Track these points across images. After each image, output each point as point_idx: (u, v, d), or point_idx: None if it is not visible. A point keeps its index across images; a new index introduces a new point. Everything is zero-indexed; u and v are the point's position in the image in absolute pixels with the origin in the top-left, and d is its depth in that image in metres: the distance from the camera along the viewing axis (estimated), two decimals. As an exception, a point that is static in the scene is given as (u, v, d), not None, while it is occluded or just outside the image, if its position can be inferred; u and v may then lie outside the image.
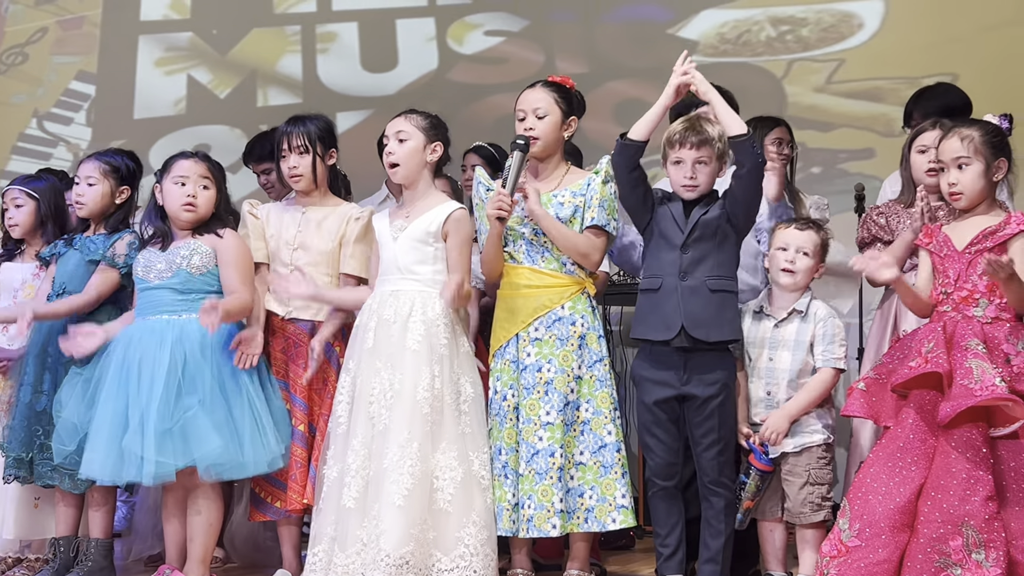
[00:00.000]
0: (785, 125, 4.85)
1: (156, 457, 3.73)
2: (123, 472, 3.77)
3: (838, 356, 3.74)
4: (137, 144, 5.74)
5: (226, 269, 3.97)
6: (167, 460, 3.74)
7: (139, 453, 3.74)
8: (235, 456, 3.79)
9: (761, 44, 6.30)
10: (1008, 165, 3.47)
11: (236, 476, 3.86)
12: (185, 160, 4.04)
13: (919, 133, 3.97)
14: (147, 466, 3.73)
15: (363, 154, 5.34)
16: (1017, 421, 3.22)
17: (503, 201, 3.75)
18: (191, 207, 3.99)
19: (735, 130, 3.64)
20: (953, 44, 5.94)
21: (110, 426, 3.80)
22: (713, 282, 3.69)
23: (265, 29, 6.92)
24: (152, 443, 3.74)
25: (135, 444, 3.75)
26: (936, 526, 3.21)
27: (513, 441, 3.82)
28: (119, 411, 3.82)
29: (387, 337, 3.82)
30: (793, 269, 3.77)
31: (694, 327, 3.66)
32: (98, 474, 3.82)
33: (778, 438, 3.69)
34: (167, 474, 3.77)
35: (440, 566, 3.66)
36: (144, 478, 3.76)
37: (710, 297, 3.68)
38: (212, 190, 4.03)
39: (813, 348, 3.75)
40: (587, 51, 6.51)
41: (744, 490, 3.69)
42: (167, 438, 3.75)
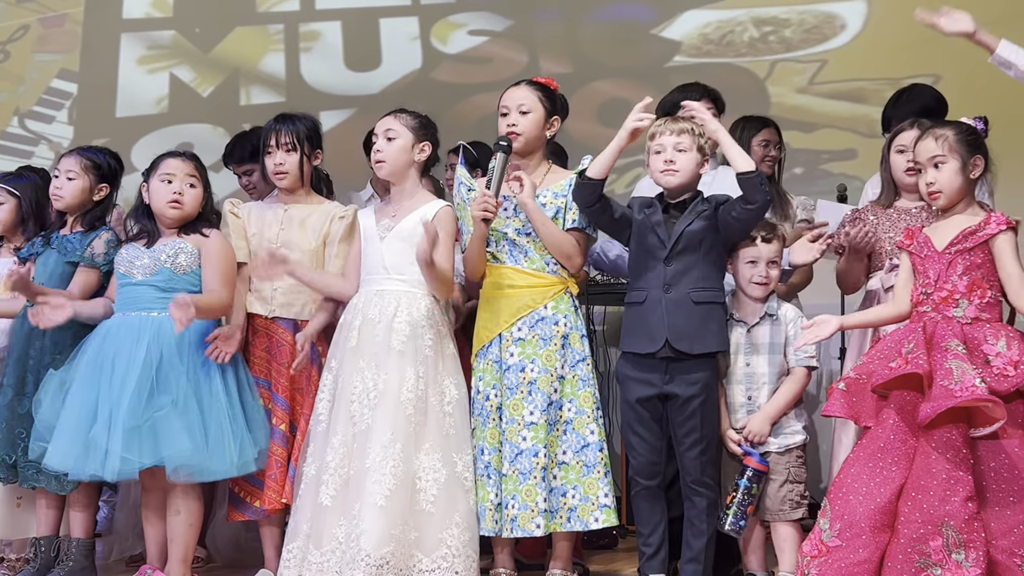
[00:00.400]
0: (773, 126, 4.87)
1: (122, 452, 3.70)
2: (86, 465, 3.74)
3: (811, 355, 3.76)
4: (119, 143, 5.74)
5: (207, 268, 3.96)
6: (133, 457, 3.72)
7: (104, 447, 3.72)
8: (204, 458, 3.77)
9: (744, 45, 6.32)
10: (985, 163, 3.49)
11: (206, 479, 3.84)
12: (172, 159, 4.04)
13: (898, 133, 3.99)
14: (111, 461, 3.71)
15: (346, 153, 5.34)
16: (997, 422, 3.23)
17: (488, 202, 3.76)
18: (177, 204, 3.98)
19: (743, 167, 3.63)
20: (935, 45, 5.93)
21: (77, 418, 3.78)
22: (698, 294, 3.69)
23: (248, 27, 6.90)
24: (119, 438, 3.71)
25: (102, 437, 3.73)
26: (916, 526, 3.22)
27: (496, 441, 3.82)
28: (88, 404, 3.80)
29: (371, 337, 3.82)
30: (767, 282, 3.78)
31: (678, 340, 3.67)
32: (59, 464, 3.79)
33: (761, 440, 3.70)
34: (131, 471, 3.75)
35: (421, 567, 3.66)
36: (107, 473, 3.73)
37: (694, 309, 3.68)
38: (199, 188, 4.02)
39: (787, 348, 3.76)
40: (571, 51, 6.52)
41: (748, 494, 3.68)
42: (135, 435, 3.73)
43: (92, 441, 3.73)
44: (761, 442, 3.70)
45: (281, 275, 3.93)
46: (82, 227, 4.21)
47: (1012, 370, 3.29)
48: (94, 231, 4.17)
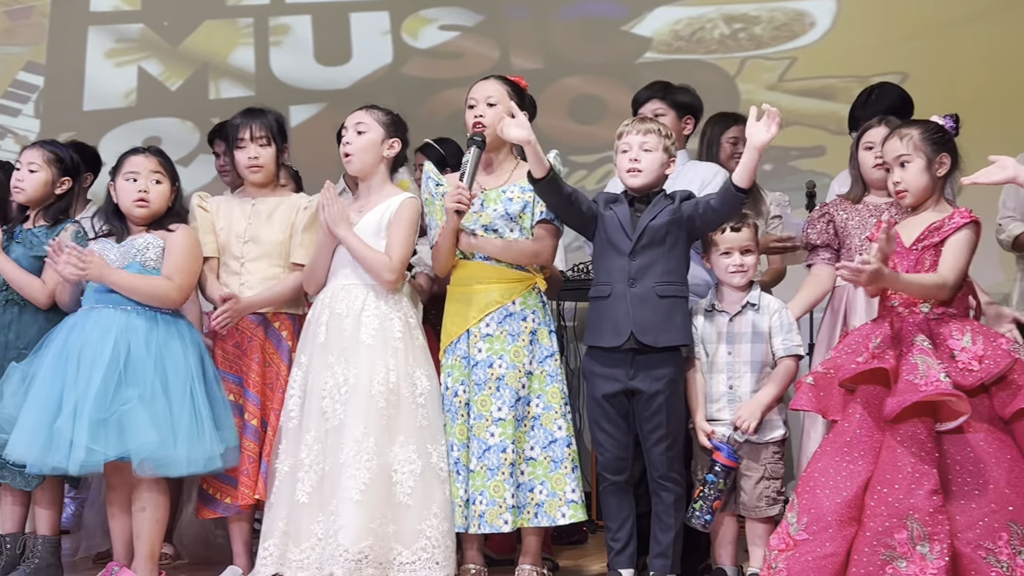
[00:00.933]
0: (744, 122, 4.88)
1: (87, 444, 3.67)
2: (49, 456, 3.70)
3: (798, 343, 3.80)
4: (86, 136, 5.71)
5: (165, 258, 3.93)
6: (98, 448, 3.68)
7: (69, 438, 3.68)
8: (170, 452, 3.73)
9: (715, 41, 6.34)
10: (952, 161, 3.51)
11: (171, 473, 3.80)
12: (136, 156, 4.01)
13: (866, 130, 4.03)
14: (76, 452, 3.66)
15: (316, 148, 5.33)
16: (962, 416, 3.26)
17: (462, 194, 3.75)
18: (143, 202, 3.95)
19: (741, 183, 3.62)
20: (903, 43, 6.02)
21: (41, 409, 3.74)
22: (662, 288, 3.70)
23: (217, 21, 6.87)
24: (85, 430, 3.68)
25: (67, 429, 3.69)
26: (882, 519, 3.24)
27: (464, 437, 3.82)
28: (53, 396, 3.76)
29: (339, 331, 3.81)
30: (744, 269, 3.80)
31: (643, 333, 3.68)
32: (22, 456, 3.75)
33: (751, 427, 3.71)
34: (95, 463, 3.70)
35: (401, 559, 3.66)
36: (71, 465, 3.68)
37: (659, 303, 3.69)
38: (165, 184, 4.00)
39: (771, 339, 3.78)
40: (542, 47, 6.52)
41: (715, 489, 3.69)
42: (102, 427, 3.70)
43: (57, 433, 3.69)
44: (751, 430, 3.71)
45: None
46: (46, 221, 4.18)
47: (976, 365, 3.32)
48: (59, 224, 4.14)
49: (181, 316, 3.99)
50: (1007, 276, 5.14)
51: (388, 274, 3.83)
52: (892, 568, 3.21)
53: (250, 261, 4.05)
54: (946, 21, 6.01)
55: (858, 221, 3.99)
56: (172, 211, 4.02)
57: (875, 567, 3.22)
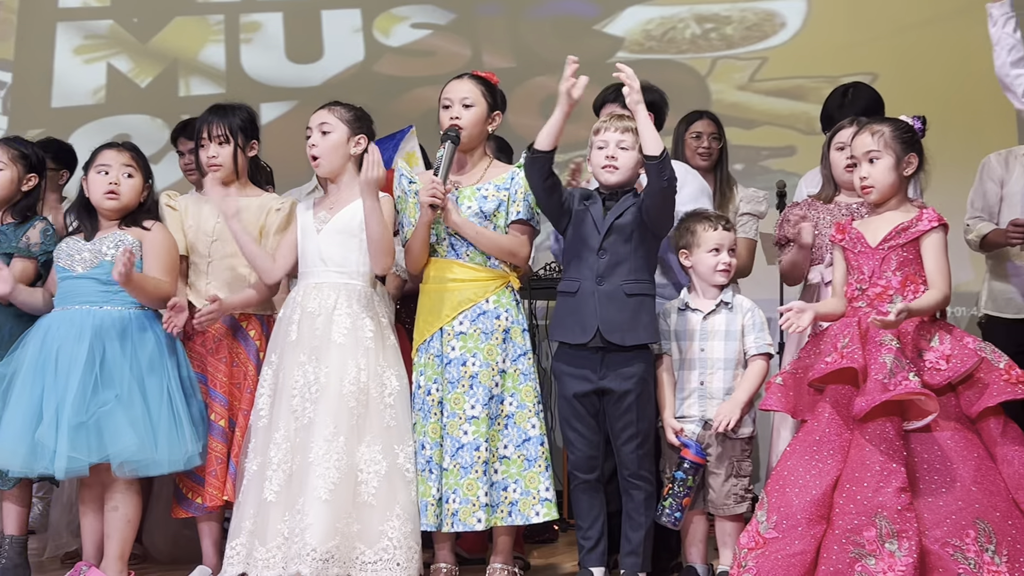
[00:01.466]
0: (709, 118, 4.89)
1: (69, 452, 3.66)
2: (35, 464, 3.70)
3: (769, 342, 3.82)
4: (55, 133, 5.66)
5: (149, 259, 3.92)
6: (80, 455, 3.68)
7: (52, 447, 3.67)
8: (150, 453, 3.73)
9: (686, 41, 6.36)
10: (919, 161, 3.54)
11: (151, 473, 3.80)
12: (108, 149, 4.00)
13: (838, 131, 4.05)
14: (59, 460, 3.67)
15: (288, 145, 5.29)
16: (930, 415, 3.29)
17: (436, 189, 3.74)
18: (113, 195, 3.94)
19: (650, 150, 3.62)
20: (873, 43, 6.05)
21: (23, 417, 3.73)
22: (630, 286, 3.71)
23: (187, 18, 6.83)
24: (65, 436, 3.67)
25: (48, 437, 3.68)
26: (851, 517, 3.27)
27: (437, 436, 3.81)
28: (34, 401, 3.75)
29: (311, 330, 3.80)
30: (730, 269, 3.83)
31: (610, 331, 3.69)
32: (7, 463, 3.75)
33: (730, 426, 3.72)
34: (79, 469, 3.71)
35: (364, 558, 3.66)
36: (56, 472, 3.69)
37: (626, 301, 3.70)
38: (137, 178, 3.97)
39: (744, 337, 3.80)
40: (514, 45, 6.53)
41: (684, 486, 3.70)
42: (81, 432, 3.69)
43: (39, 441, 3.69)
44: (728, 429, 3.72)
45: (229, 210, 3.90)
46: (14, 218, 4.14)
47: (944, 364, 3.35)
48: (27, 222, 4.11)
49: (154, 313, 3.96)
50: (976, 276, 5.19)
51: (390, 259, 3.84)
52: (861, 565, 3.23)
53: (218, 260, 4.04)
54: (915, 21, 6.05)
55: (829, 221, 4.01)
56: (144, 207, 4.00)
57: (844, 565, 3.24)
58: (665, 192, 3.66)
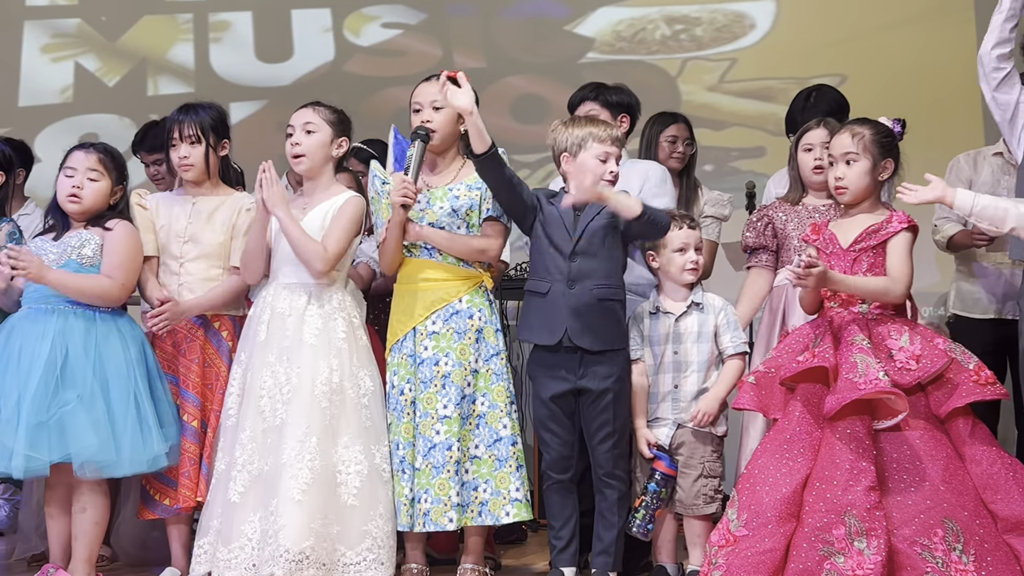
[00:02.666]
0: (683, 122, 4.89)
1: (26, 451, 3.63)
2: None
3: (744, 340, 3.83)
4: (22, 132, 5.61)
5: (104, 256, 3.88)
6: (40, 454, 3.64)
7: (11, 446, 3.64)
8: (111, 454, 3.70)
9: (656, 42, 6.38)
10: (894, 167, 3.56)
11: (114, 474, 3.76)
12: (78, 151, 3.96)
13: (805, 132, 4.07)
14: (16, 459, 3.63)
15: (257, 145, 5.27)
16: (899, 414, 3.31)
17: (408, 188, 3.73)
18: (75, 199, 3.90)
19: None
20: (842, 45, 6.09)
21: None
22: (600, 291, 3.72)
23: (156, 16, 6.78)
24: (24, 436, 3.64)
25: (7, 436, 3.65)
26: (820, 515, 3.29)
27: (410, 435, 3.81)
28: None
29: (282, 330, 3.78)
30: (698, 268, 3.83)
31: (579, 336, 3.69)
32: None
33: (709, 419, 3.73)
34: (39, 468, 3.67)
35: (345, 560, 3.65)
36: (14, 471, 3.66)
37: (596, 306, 3.70)
38: (102, 182, 3.93)
39: (718, 338, 3.81)
40: (485, 46, 6.52)
41: (656, 498, 3.71)
42: (42, 431, 3.66)
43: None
44: (706, 422, 3.73)
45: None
46: (-20, 219, 4.11)
47: (914, 364, 3.37)
48: (-7, 223, 4.08)
49: (121, 313, 3.93)
50: (944, 276, 5.23)
51: (320, 263, 3.78)
52: (830, 563, 3.25)
53: (189, 261, 4.01)
54: (883, 24, 6.09)
55: (797, 223, 4.03)
56: (114, 209, 3.96)
57: (813, 562, 3.26)
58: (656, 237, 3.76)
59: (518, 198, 3.75)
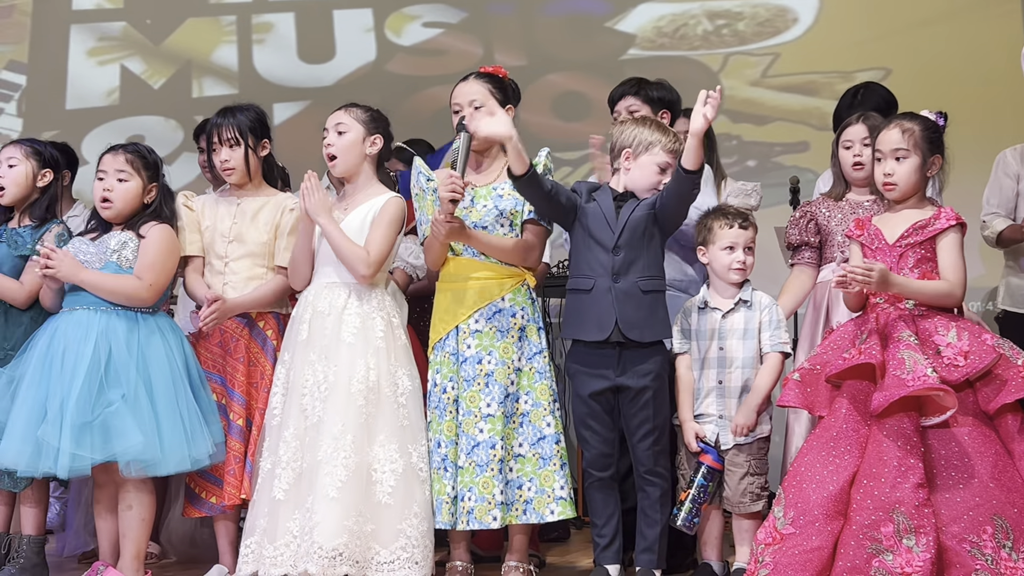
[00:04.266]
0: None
1: (72, 450, 3.66)
2: (39, 463, 3.70)
3: (784, 340, 3.81)
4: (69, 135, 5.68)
5: (139, 256, 3.91)
6: (84, 453, 3.68)
7: (55, 445, 3.68)
8: (156, 453, 3.73)
9: (698, 38, 6.35)
10: (941, 163, 3.53)
11: (159, 473, 3.79)
12: (107, 154, 3.99)
13: (845, 128, 4.04)
14: (62, 459, 3.67)
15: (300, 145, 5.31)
16: (947, 411, 3.28)
17: (455, 183, 3.72)
18: (106, 203, 3.94)
19: (691, 164, 3.59)
20: (886, 39, 6.04)
21: (28, 416, 3.74)
22: (645, 283, 3.71)
23: (200, 19, 6.84)
24: (69, 435, 3.67)
25: (52, 436, 3.69)
26: (868, 513, 3.26)
27: (453, 434, 3.82)
28: (39, 401, 3.75)
29: (321, 329, 3.80)
30: (744, 267, 3.82)
31: (629, 329, 3.68)
32: (12, 463, 3.75)
33: (747, 431, 3.73)
34: (83, 468, 3.71)
35: (379, 559, 3.66)
36: (59, 470, 3.69)
37: (642, 298, 3.70)
38: (132, 182, 3.95)
39: (760, 334, 3.80)
40: (525, 44, 6.53)
41: (704, 492, 3.70)
42: (86, 431, 3.69)
43: (42, 440, 3.69)
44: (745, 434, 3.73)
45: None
46: (32, 220, 4.16)
47: (962, 360, 3.34)
48: (45, 224, 4.13)
49: (162, 314, 3.97)
50: (988, 270, 5.18)
51: (364, 268, 3.81)
52: (878, 561, 3.22)
53: (234, 260, 4.04)
54: (927, 16, 6.03)
55: (840, 219, 4.01)
56: (150, 209, 3.98)
57: (861, 560, 3.24)
58: (689, 199, 3.70)
59: (558, 206, 3.76)
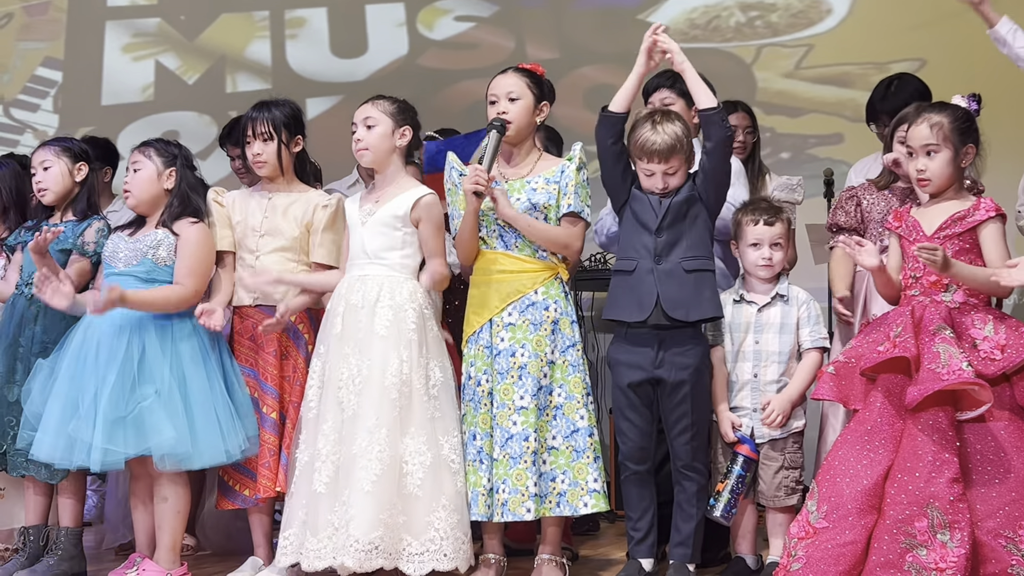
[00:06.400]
0: (744, 110, 4.84)
1: (104, 444, 3.70)
2: (73, 456, 3.75)
3: (824, 336, 3.81)
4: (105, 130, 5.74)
5: (177, 259, 3.94)
6: (116, 448, 3.72)
7: (88, 440, 3.72)
8: (187, 447, 3.76)
9: (730, 30, 6.32)
10: (976, 150, 3.49)
11: (192, 466, 3.82)
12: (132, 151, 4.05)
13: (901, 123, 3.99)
14: (95, 453, 3.71)
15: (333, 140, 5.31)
16: (983, 405, 3.26)
17: (480, 176, 3.74)
18: (127, 194, 4.01)
19: (705, 103, 3.67)
20: (920, 30, 5.98)
21: (62, 409, 3.78)
22: (689, 263, 3.70)
23: (233, 14, 6.88)
24: (101, 430, 3.71)
25: (84, 430, 3.73)
26: (902, 507, 3.24)
27: (487, 426, 3.82)
28: (72, 395, 3.79)
29: (355, 322, 3.82)
30: (771, 264, 3.80)
31: (673, 308, 3.67)
32: (47, 456, 3.80)
33: (782, 421, 3.71)
34: (116, 462, 3.75)
35: (411, 550, 3.67)
36: (92, 464, 3.74)
37: (686, 278, 3.69)
38: (145, 169, 3.98)
39: (799, 330, 3.78)
40: (557, 37, 6.51)
41: (741, 482, 3.69)
42: (119, 426, 3.73)
43: (74, 434, 3.74)
44: (780, 424, 3.71)
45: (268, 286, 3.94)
46: (74, 216, 4.20)
47: (999, 354, 3.31)
48: (86, 220, 4.17)
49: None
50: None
51: (445, 271, 3.90)
52: (912, 556, 3.21)
53: (265, 255, 4.06)
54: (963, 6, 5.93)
55: (883, 206, 3.99)
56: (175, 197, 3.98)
57: (895, 555, 3.22)
58: (726, 143, 3.69)
59: (620, 169, 3.76)
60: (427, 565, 3.67)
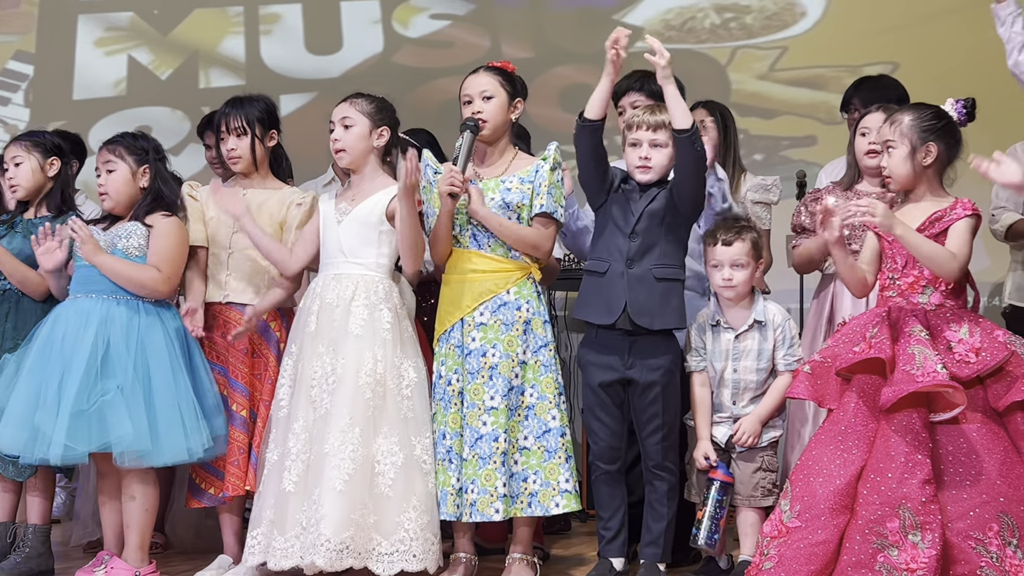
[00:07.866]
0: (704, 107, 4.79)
1: (65, 439, 3.68)
2: (35, 449, 3.72)
3: (798, 358, 3.79)
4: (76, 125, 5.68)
5: (152, 248, 3.91)
6: (78, 443, 3.69)
7: (49, 433, 3.69)
8: (146, 443, 3.73)
9: (705, 31, 6.33)
10: (942, 150, 3.47)
11: (154, 463, 3.78)
12: (98, 152, 4.01)
13: (865, 115, 4.03)
14: (55, 447, 3.68)
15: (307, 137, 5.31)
16: (957, 407, 3.27)
17: (455, 177, 3.73)
18: (103, 195, 3.97)
19: (679, 123, 3.64)
20: (894, 33, 6.01)
21: (25, 401, 3.76)
22: (659, 271, 3.71)
23: (207, 9, 6.83)
24: (64, 424, 3.69)
25: (47, 423, 3.70)
26: (874, 508, 3.26)
27: (457, 426, 3.82)
28: (36, 387, 3.77)
29: (329, 321, 3.81)
30: (733, 285, 3.78)
31: (638, 315, 3.68)
32: (10, 448, 3.77)
33: (753, 441, 3.73)
34: (77, 456, 3.72)
35: (380, 550, 3.66)
36: (51, 458, 3.71)
37: (655, 286, 3.70)
38: (118, 169, 3.95)
39: (775, 352, 3.78)
40: (533, 36, 6.51)
41: (720, 507, 3.70)
42: (81, 420, 3.70)
43: (38, 426, 3.71)
44: (752, 444, 3.72)
45: (236, 210, 3.91)
46: (49, 211, 4.17)
47: (973, 357, 3.32)
48: (62, 215, 4.14)
49: (167, 305, 3.97)
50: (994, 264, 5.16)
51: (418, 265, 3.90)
52: (883, 556, 3.22)
53: (238, 251, 4.05)
54: (936, 10, 6.01)
55: (846, 208, 3.99)
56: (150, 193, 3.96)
57: (867, 555, 3.23)
58: (697, 164, 3.67)
59: (601, 174, 3.75)
60: (396, 565, 3.66)
